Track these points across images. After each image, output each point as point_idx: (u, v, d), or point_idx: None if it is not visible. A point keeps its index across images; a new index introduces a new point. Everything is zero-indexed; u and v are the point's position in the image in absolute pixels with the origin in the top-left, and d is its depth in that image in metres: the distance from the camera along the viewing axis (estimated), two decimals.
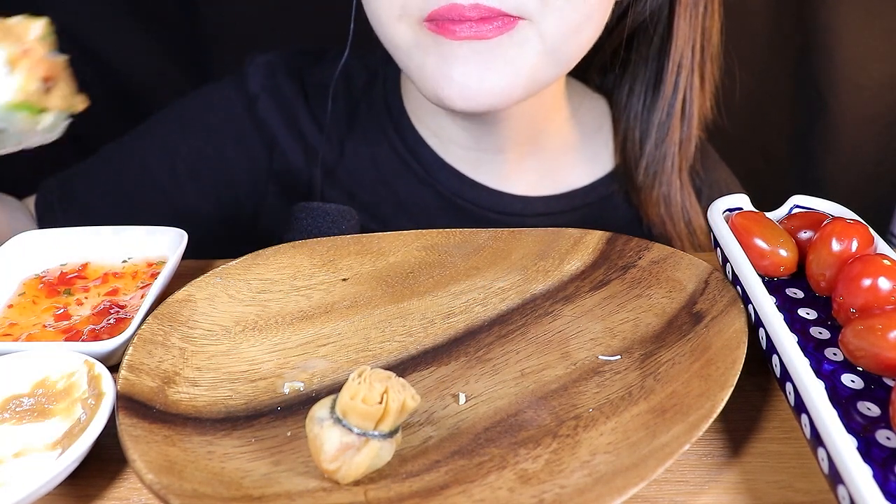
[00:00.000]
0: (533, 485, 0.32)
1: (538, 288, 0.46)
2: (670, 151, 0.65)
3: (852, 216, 0.43)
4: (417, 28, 0.50)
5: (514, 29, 0.49)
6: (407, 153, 0.66)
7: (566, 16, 0.49)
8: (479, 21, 0.48)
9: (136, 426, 0.34)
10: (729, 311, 0.40)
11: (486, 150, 0.64)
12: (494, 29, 0.48)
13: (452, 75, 0.50)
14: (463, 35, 0.48)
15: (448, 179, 0.65)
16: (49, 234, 0.49)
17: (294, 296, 0.46)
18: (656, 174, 0.65)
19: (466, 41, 0.49)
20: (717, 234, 0.44)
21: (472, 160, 0.65)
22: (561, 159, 0.67)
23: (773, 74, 0.90)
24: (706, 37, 0.63)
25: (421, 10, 0.49)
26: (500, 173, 0.65)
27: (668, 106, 0.64)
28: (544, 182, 0.67)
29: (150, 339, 0.40)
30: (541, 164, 0.66)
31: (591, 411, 0.37)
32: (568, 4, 0.49)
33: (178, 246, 0.47)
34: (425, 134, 0.65)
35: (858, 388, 0.34)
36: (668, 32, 0.62)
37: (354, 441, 0.32)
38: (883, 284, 0.36)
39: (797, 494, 0.34)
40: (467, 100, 0.50)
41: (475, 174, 0.65)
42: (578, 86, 0.70)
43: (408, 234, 0.50)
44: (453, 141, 0.65)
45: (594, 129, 0.69)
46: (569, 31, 0.50)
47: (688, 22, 0.61)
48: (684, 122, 0.65)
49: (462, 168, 0.65)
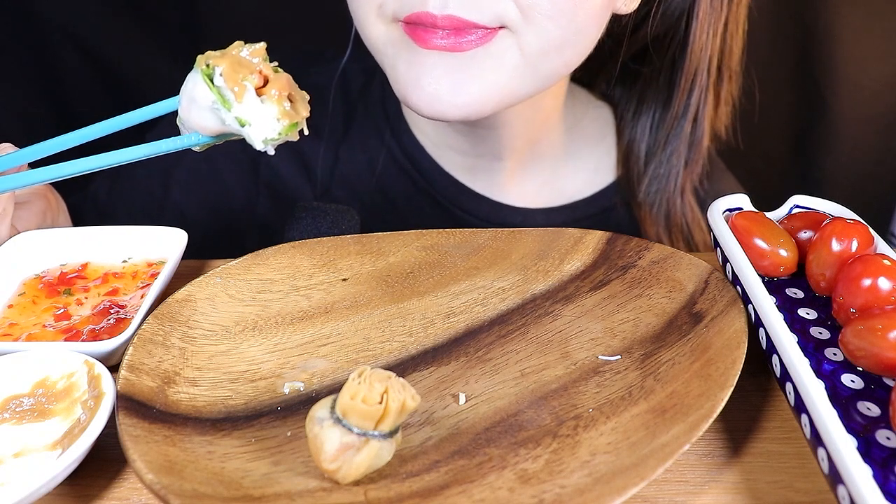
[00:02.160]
0: (533, 485, 0.32)
1: (538, 288, 0.46)
2: (675, 171, 0.63)
3: (852, 216, 0.43)
4: (393, 27, 0.50)
5: (492, 41, 0.47)
6: (405, 159, 0.65)
7: (549, 32, 0.48)
8: (455, 32, 0.46)
9: (136, 426, 0.34)
10: (729, 311, 0.40)
11: (484, 157, 0.63)
12: (470, 42, 0.47)
13: (421, 83, 0.48)
14: (434, 45, 0.47)
15: (445, 188, 0.64)
16: (49, 234, 0.49)
17: (294, 296, 0.46)
18: (658, 192, 0.64)
19: (437, 51, 0.47)
20: (717, 234, 0.44)
21: (470, 167, 0.64)
22: (561, 168, 0.66)
23: (773, 74, 0.90)
24: (726, 54, 0.60)
25: (395, 11, 0.48)
26: (497, 181, 0.64)
27: (676, 126, 0.62)
28: (543, 191, 0.66)
29: (150, 339, 0.40)
30: (540, 172, 0.65)
31: (591, 411, 0.37)
32: (550, 21, 0.47)
33: (178, 246, 0.47)
34: (422, 139, 0.65)
35: (858, 388, 0.34)
36: (683, 48, 0.59)
37: (354, 441, 0.32)
38: (883, 284, 0.36)
39: (797, 494, 0.34)
40: (436, 109, 0.49)
41: (472, 182, 0.64)
42: (582, 93, 0.68)
43: (408, 234, 0.50)
44: (450, 146, 0.64)
45: (597, 138, 0.67)
46: (551, 47, 0.49)
47: (706, 38, 0.58)
48: (693, 144, 0.63)
49: (459, 176, 0.64)
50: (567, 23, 0.48)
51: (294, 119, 0.37)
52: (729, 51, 0.60)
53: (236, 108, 0.36)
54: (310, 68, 0.68)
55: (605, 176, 0.67)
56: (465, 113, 0.49)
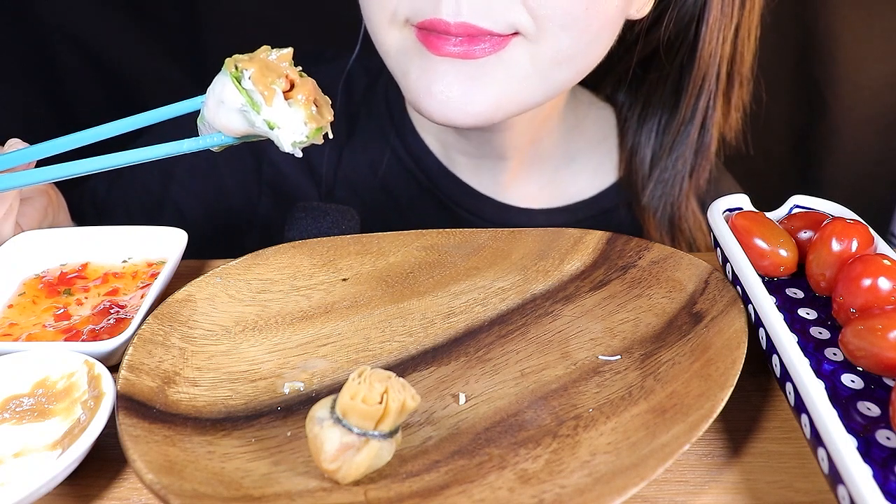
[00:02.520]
0: (533, 485, 0.32)
1: (538, 288, 0.46)
2: (680, 177, 0.63)
3: (852, 216, 0.43)
4: (406, 33, 0.50)
5: (505, 48, 0.47)
6: (409, 159, 0.65)
7: (561, 41, 0.48)
8: (468, 39, 0.47)
9: (136, 426, 0.34)
10: (729, 311, 0.40)
11: (488, 157, 0.63)
12: (483, 50, 0.47)
13: (432, 90, 0.48)
14: (447, 52, 0.47)
15: (450, 188, 0.64)
16: (49, 234, 0.49)
17: (294, 296, 0.46)
18: (663, 197, 0.63)
19: (449, 58, 0.47)
20: (717, 234, 0.44)
21: (474, 167, 0.64)
22: (562, 169, 0.66)
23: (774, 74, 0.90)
24: (737, 60, 0.59)
25: (409, 18, 0.48)
26: (501, 181, 0.64)
27: (682, 132, 0.61)
28: (545, 192, 0.66)
29: (150, 339, 0.40)
30: (542, 172, 0.65)
31: (591, 411, 0.37)
32: (563, 31, 0.47)
33: (178, 246, 0.47)
34: (427, 139, 0.65)
35: (858, 388, 0.34)
36: (692, 53, 0.58)
37: (354, 441, 0.32)
38: (883, 284, 0.36)
39: (797, 494, 0.34)
40: (447, 116, 0.49)
41: (477, 183, 0.64)
42: (584, 94, 0.68)
43: (408, 234, 0.50)
44: (454, 147, 0.64)
45: (598, 139, 0.67)
46: (563, 57, 0.49)
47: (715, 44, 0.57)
48: (700, 150, 0.62)
49: (464, 176, 0.64)
50: (579, 33, 0.48)
51: (320, 123, 0.38)
52: (740, 57, 0.59)
53: (266, 110, 0.36)
54: (311, 68, 0.68)
55: (606, 176, 0.67)
56: (475, 120, 0.49)
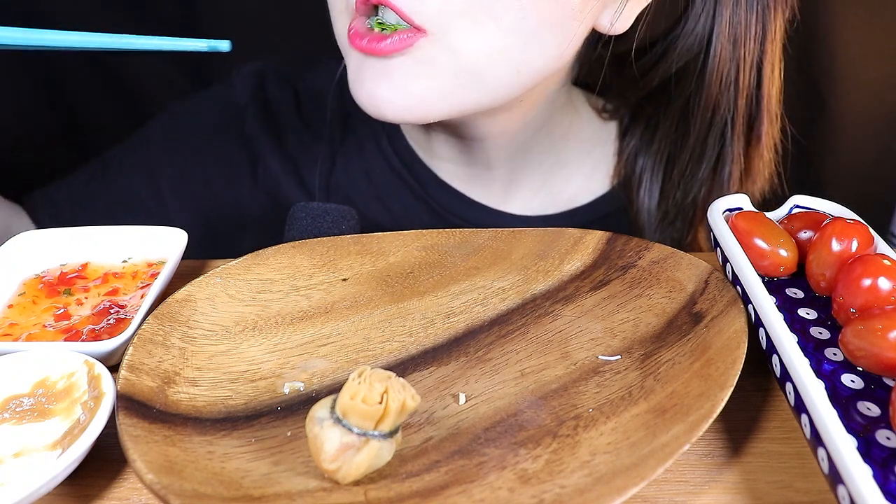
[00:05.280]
0: (533, 485, 0.32)
1: (538, 288, 0.46)
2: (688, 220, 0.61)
3: (852, 216, 0.43)
4: None
5: (413, 46, 0.46)
6: (402, 167, 0.64)
7: (481, 34, 0.46)
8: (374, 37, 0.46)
9: (136, 426, 0.34)
10: (729, 311, 0.40)
11: (474, 166, 0.63)
12: (389, 46, 0.46)
13: (363, 82, 0.49)
14: (359, 46, 0.47)
15: (442, 196, 0.64)
16: (49, 234, 0.49)
17: (294, 296, 0.46)
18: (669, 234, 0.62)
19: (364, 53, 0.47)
20: (717, 234, 0.44)
21: (463, 175, 0.64)
22: (555, 175, 0.65)
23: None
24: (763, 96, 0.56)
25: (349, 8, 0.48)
26: (493, 190, 0.64)
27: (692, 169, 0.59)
28: (538, 199, 0.65)
29: (150, 339, 0.40)
30: (533, 180, 0.65)
31: (591, 411, 0.37)
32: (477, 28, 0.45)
33: (178, 246, 0.47)
34: (415, 147, 0.64)
35: (858, 388, 0.34)
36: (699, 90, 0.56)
37: (354, 441, 0.32)
38: (883, 284, 0.36)
39: (797, 494, 0.34)
40: (377, 109, 0.49)
41: (469, 190, 0.64)
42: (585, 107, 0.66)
43: (408, 234, 0.50)
44: (440, 155, 0.63)
45: (590, 145, 0.66)
46: (492, 50, 0.46)
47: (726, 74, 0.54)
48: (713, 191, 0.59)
49: (455, 184, 0.64)
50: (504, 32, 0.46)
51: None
52: (766, 93, 0.57)
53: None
54: (306, 75, 0.68)
55: (599, 184, 0.66)
56: (405, 116, 0.49)
